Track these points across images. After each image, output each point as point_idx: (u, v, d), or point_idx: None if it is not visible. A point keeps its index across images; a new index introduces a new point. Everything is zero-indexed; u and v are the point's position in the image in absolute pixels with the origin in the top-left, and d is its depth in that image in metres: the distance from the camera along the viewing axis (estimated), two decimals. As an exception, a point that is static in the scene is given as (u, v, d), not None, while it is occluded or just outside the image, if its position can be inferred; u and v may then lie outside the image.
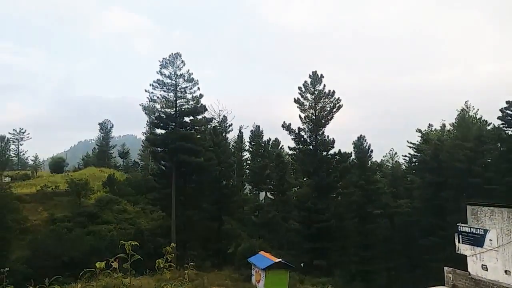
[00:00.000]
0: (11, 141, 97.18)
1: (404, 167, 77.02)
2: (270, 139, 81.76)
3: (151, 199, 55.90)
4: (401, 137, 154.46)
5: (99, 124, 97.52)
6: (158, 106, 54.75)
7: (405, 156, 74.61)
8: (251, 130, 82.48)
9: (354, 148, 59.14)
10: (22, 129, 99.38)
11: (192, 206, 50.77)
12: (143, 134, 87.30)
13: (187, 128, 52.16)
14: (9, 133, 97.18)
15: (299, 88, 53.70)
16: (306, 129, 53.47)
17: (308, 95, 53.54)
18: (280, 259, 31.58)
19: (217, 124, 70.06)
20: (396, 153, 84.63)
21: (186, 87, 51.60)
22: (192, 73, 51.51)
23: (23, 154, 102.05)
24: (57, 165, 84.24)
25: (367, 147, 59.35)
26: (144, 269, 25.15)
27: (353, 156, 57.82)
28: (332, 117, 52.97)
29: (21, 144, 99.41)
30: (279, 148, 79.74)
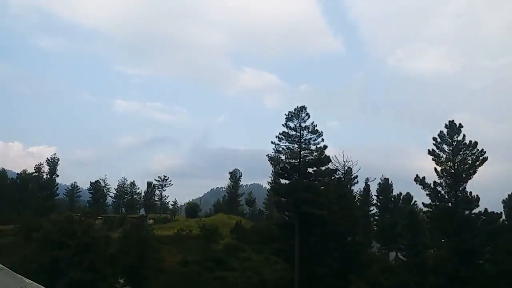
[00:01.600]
0: (156, 187, 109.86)
1: None
2: (400, 193, 76.12)
3: (274, 249, 55.96)
4: None
5: (229, 173, 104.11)
6: (283, 157, 56.19)
7: None
8: (379, 183, 78.14)
9: (504, 207, 50.97)
10: (166, 176, 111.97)
11: (316, 260, 49.07)
12: (268, 184, 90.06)
13: (311, 179, 51.98)
14: (155, 180, 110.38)
15: (434, 138, 49.50)
16: (444, 184, 48.28)
17: (445, 146, 48.87)
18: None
19: (342, 176, 68.30)
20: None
21: (310, 138, 52.12)
22: (316, 125, 52.10)
23: (165, 199, 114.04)
24: (192, 210, 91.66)
25: (522, 207, 50.48)
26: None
27: (503, 217, 49.64)
28: (475, 171, 47.02)
29: (164, 190, 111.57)
30: (411, 204, 73.31)
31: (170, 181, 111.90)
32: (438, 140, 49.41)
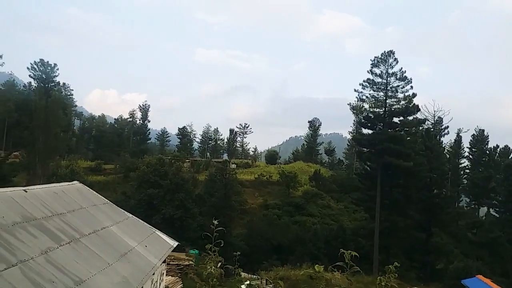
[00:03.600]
0: (238, 134, 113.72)
1: None
2: (497, 146, 69.48)
3: (354, 199, 55.63)
4: None
5: (308, 122, 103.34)
6: (366, 106, 53.72)
7: None
8: (473, 135, 71.87)
9: None
10: (246, 124, 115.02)
11: (397, 211, 47.84)
12: (349, 134, 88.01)
13: (396, 129, 49.36)
14: (236, 127, 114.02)
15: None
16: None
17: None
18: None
19: (431, 127, 63.88)
20: None
21: (398, 86, 48.80)
22: (404, 71, 48.46)
23: (246, 146, 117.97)
24: (272, 157, 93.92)
25: None
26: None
27: None
28: None
29: (244, 137, 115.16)
30: (509, 157, 66.70)
31: (251, 128, 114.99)
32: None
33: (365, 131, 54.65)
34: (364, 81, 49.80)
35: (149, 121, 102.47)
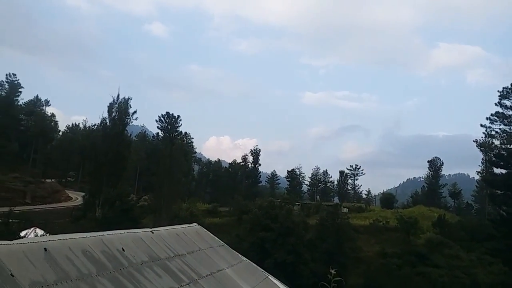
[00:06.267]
0: (349, 176, 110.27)
1: None
2: None
3: (489, 249, 48.35)
4: None
5: (428, 162, 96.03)
6: (497, 142, 47.88)
7: None
8: None
9: None
10: (357, 165, 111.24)
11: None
12: (477, 174, 78.72)
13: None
14: (347, 169, 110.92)
15: None
16: None
17: None
18: None
19: None
20: None
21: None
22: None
23: (358, 188, 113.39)
24: (387, 200, 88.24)
25: None
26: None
27: None
28: None
29: (356, 179, 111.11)
30: None
31: (362, 170, 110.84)
32: None
33: (497, 170, 48.26)
34: (492, 114, 44.89)
35: (259, 165, 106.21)
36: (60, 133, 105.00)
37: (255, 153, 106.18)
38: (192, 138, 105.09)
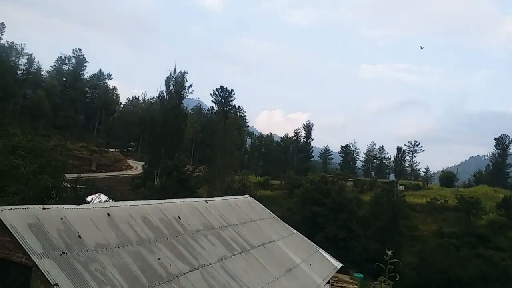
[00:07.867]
0: (406, 153, 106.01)
1: None
2: None
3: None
4: None
5: (494, 139, 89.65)
6: None
7: None
8: None
9: None
10: (416, 142, 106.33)
11: None
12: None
13: None
14: (405, 145, 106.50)
15: None
16: None
17: None
18: None
19: None
20: None
21: None
22: None
23: (416, 166, 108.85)
24: (447, 179, 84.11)
25: None
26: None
27: None
28: None
29: (414, 156, 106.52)
30: None
31: (421, 146, 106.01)
32: None
33: None
34: None
35: (312, 139, 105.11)
36: (122, 106, 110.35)
37: (308, 128, 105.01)
38: (245, 111, 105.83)
